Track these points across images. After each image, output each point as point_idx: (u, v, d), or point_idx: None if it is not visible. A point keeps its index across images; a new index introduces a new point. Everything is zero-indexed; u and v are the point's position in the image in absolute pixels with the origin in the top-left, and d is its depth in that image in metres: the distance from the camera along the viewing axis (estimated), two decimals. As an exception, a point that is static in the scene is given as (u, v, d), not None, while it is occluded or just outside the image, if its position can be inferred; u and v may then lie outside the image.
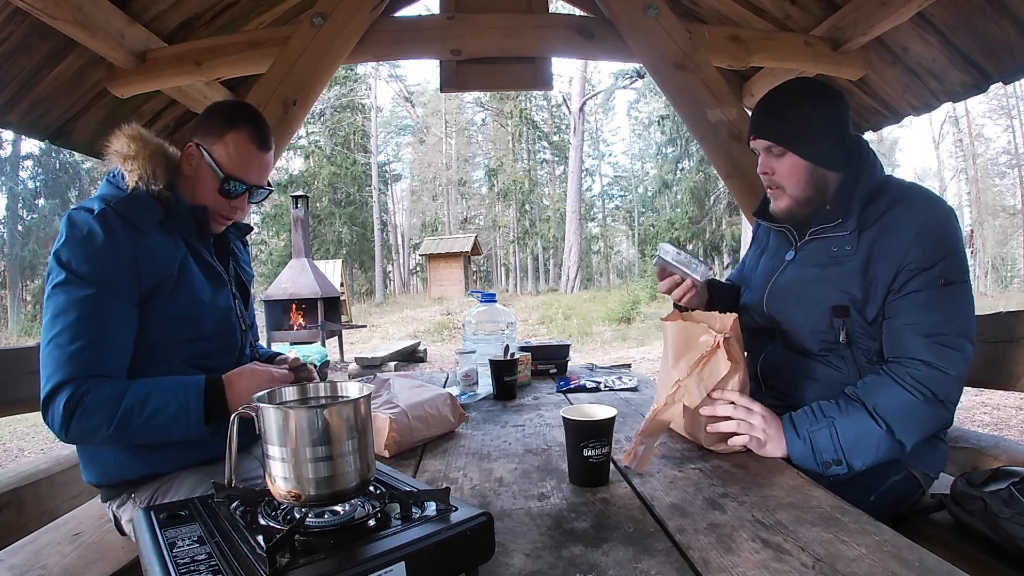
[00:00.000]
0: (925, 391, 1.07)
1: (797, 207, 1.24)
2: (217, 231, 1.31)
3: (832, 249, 1.20)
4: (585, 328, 13.27)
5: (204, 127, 1.25)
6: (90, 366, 1.06)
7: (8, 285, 20.98)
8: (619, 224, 34.64)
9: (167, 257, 1.16)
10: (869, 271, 1.15)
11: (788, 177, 1.22)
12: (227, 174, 1.22)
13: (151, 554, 0.61)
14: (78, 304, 1.06)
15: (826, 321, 1.19)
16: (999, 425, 4.59)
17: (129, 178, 1.17)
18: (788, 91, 1.25)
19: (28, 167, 21.94)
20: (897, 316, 1.13)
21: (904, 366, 1.10)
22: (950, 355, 1.08)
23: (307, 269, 8.94)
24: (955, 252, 1.13)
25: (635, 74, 24.05)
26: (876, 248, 1.15)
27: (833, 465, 1.06)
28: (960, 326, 1.11)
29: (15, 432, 5.50)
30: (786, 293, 1.28)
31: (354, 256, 25.83)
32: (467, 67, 2.36)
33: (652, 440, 1.05)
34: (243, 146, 1.23)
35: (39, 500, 1.63)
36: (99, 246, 1.07)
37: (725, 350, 1.08)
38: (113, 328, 1.09)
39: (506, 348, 1.71)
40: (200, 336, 1.20)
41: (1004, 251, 28.25)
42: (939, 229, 1.13)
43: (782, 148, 1.21)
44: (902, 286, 1.12)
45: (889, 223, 1.15)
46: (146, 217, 1.14)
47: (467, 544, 0.64)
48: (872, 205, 1.17)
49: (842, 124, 1.22)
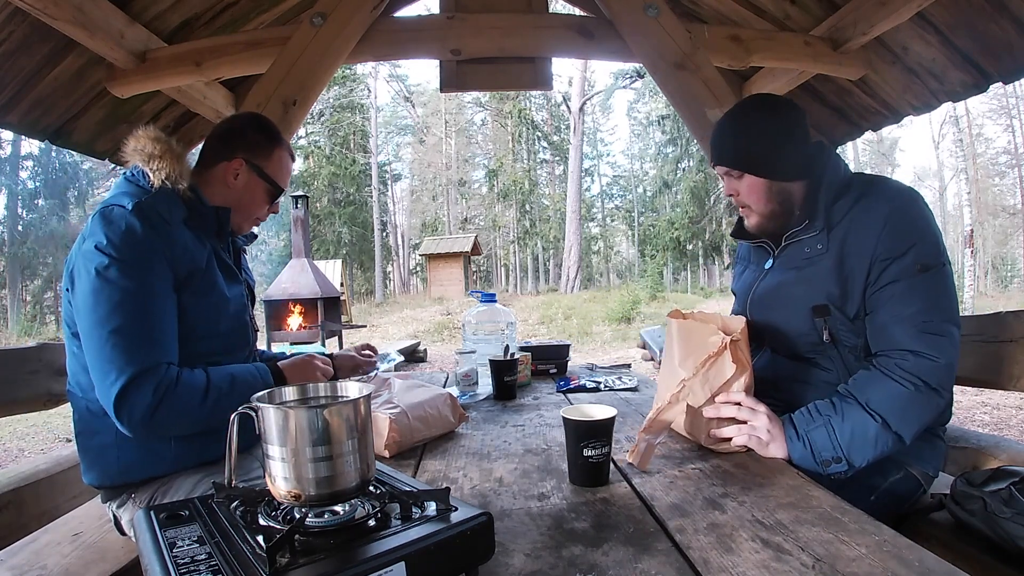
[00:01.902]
0: (916, 381, 1.07)
1: (766, 222, 1.28)
2: (246, 232, 1.40)
3: (805, 251, 1.22)
4: (585, 328, 13.28)
5: (245, 144, 1.32)
6: (165, 353, 1.10)
7: (8, 285, 20.97)
8: (619, 224, 34.65)
9: (196, 252, 1.19)
10: (844, 267, 1.16)
11: (750, 196, 1.27)
12: (279, 186, 1.37)
13: (151, 554, 0.61)
14: (133, 295, 1.07)
15: (808, 322, 1.20)
16: (999, 425, 4.59)
17: (155, 177, 1.19)
18: (736, 114, 1.29)
19: (28, 167, 21.95)
20: (878, 309, 1.14)
21: (892, 358, 1.10)
22: (937, 342, 1.09)
23: (307, 269, 8.93)
24: (925, 236, 1.13)
25: (635, 74, 24.05)
26: (847, 244, 1.16)
27: (833, 463, 1.06)
28: (943, 311, 1.11)
29: (15, 432, 5.50)
30: (767, 300, 1.30)
31: (354, 256, 25.82)
32: (467, 67, 2.36)
33: (654, 437, 1.05)
34: (286, 160, 1.39)
35: (39, 500, 1.63)
36: (140, 238, 1.09)
37: (732, 352, 1.09)
38: (167, 317, 1.12)
39: (506, 348, 1.71)
40: (216, 333, 1.23)
41: (1004, 251, 28.27)
42: (905, 215, 1.14)
43: (739, 171, 1.26)
44: (878, 278, 1.13)
45: (856, 218, 1.16)
46: (175, 213, 1.18)
47: (467, 544, 0.64)
48: (838, 203, 1.19)
49: (796, 135, 1.24)
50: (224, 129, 1.36)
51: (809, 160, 1.25)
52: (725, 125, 1.29)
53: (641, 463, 1.02)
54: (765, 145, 1.23)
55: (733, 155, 1.26)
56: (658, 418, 1.07)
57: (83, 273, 1.08)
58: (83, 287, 1.08)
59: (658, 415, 1.07)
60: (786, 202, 1.26)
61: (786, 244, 1.28)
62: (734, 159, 1.26)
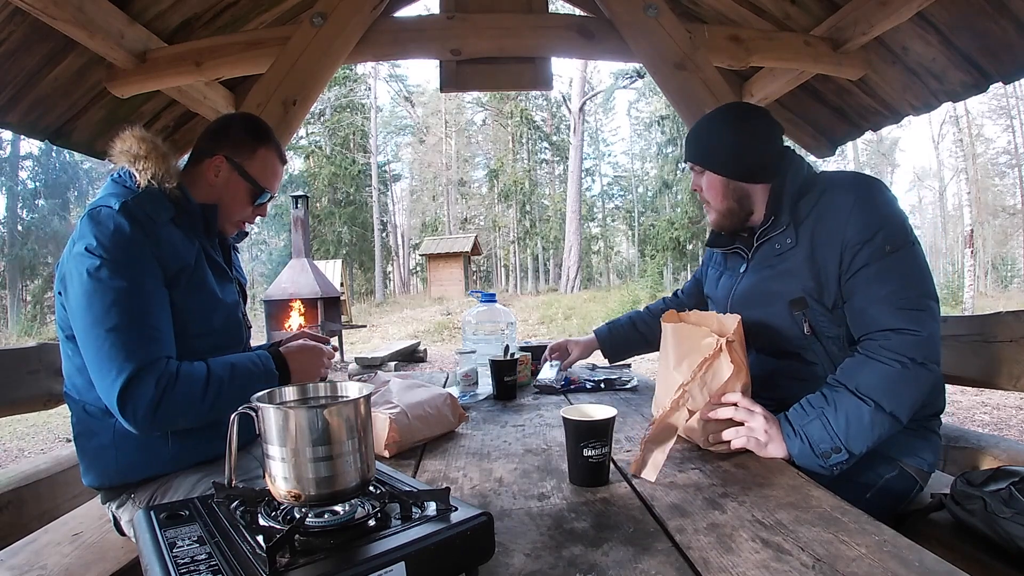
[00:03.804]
0: (902, 359, 1.08)
1: (723, 219, 1.36)
2: (232, 234, 1.38)
3: (776, 247, 1.27)
4: (585, 328, 13.27)
5: (230, 142, 1.31)
6: (163, 347, 1.10)
7: (8, 285, 20.97)
8: (619, 224, 34.63)
9: (184, 249, 1.19)
10: (815, 259, 1.19)
11: (709, 191, 1.35)
12: (261, 187, 1.33)
13: (151, 554, 0.61)
14: (127, 293, 1.07)
15: (787, 317, 1.23)
16: (999, 425, 4.60)
17: (141, 177, 1.19)
18: (709, 117, 1.38)
19: (28, 167, 21.95)
20: (854, 295, 1.16)
21: (875, 340, 1.12)
22: (917, 316, 1.10)
23: (307, 269, 8.93)
24: (891, 218, 1.17)
25: (635, 74, 24.05)
26: (816, 237, 1.20)
27: (833, 454, 1.06)
28: (918, 286, 1.13)
29: (15, 432, 5.50)
30: (746, 300, 1.34)
31: (354, 256, 25.81)
32: (467, 67, 2.36)
33: (658, 447, 1.01)
34: (272, 161, 1.36)
35: (39, 500, 1.63)
36: (129, 237, 1.09)
37: (728, 353, 1.08)
38: (162, 312, 1.12)
39: (506, 348, 1.71)
40: (209, 331, 1.22)
41: (1004, 251, 28.25)
42: (870, 202, 1.17)
43: (700, 167, 1.36)
44: (850, 265, 1.16)
45: (822, 210, 1.21)
46: (162, 212, 1.18)
47: (467, 544, 0.64)
48: (803, 199, 1.24)
49: (760, 140, 1.31)
50: (213, 126, 1.36)
51: (772, 165, 1.30)
52: (698, 125, 1.39)
53: (649, 474, 0.98)
54: (727, 146, 1.31)
55: (696, 151, 1.37)
56: (661, 425, 1.04)
57: (75, 276, 1.08)
58: (76, 290, 1.08)
59: (661, 422, 1.05)
60: (743, 201, 1.33)
61: (758, 245, 1.32)
62: (696, 155, 1.37)
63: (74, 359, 1.16)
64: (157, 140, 1.26)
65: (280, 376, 1.22)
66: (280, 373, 1.22)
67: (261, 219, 1.42)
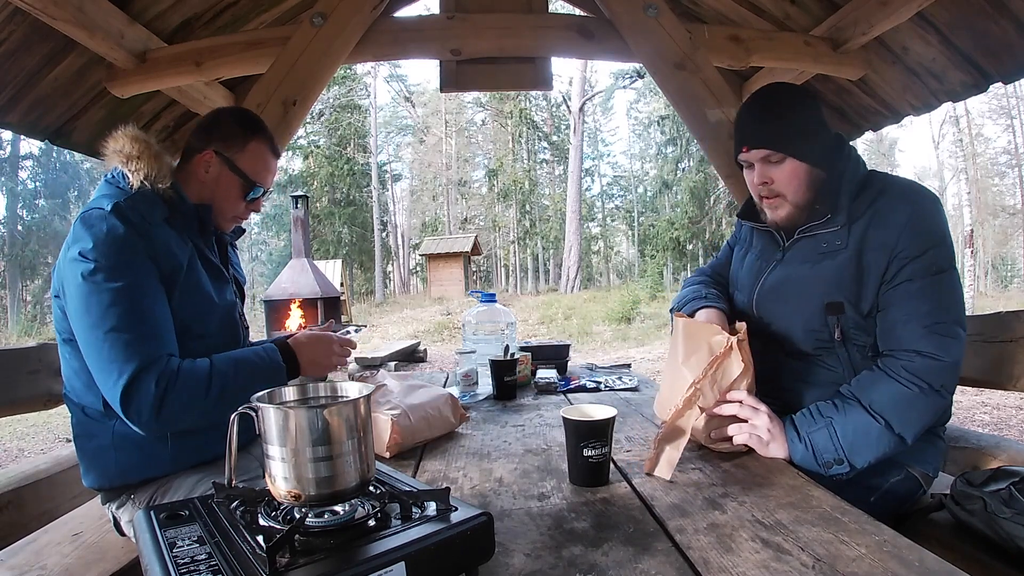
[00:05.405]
0: (920, 383, 1.07)
1: (798, 213, 1.22)
2: (228, 230, 1.36)
3: (822, 245, 1.19)
4: (585, 328, 13.28)
5: (220, 136, 1.28)
6: (164, 345, 1.09)
7: (8, 285, 20.97)
8: (619, 224, 34.62)
9: (178, 250, 1.18)
10: (862, 262, 1.14)
11: (788, 183, 1.19)
12: (252, 181, 1.30)
13: (151, 554, 0.61)
14: (123, 294, 1.06)
15: (820, 319, 1.18)
16: (999, 425, 4.59)
17: (134, 177, 1.18)
18: (774, 95, 1.23)
19: (28, 167, 21.94)
20: (891, 307, 1.13)
21: (898, 359, 1.10)
22: (944, 343, 1.09)
23: (307, 269, 8.94)
24: (943, 240, 1.14)
25: (635, 74, 24.05)
26: (867, 239, 1.14)
27: (835, 465, 1.06)
28: (953, 313, 1.11)
29: (15, 432, 5.50)
30: (776, 294, 1.27)
31: (354, 256, 25.80)
32: (467, 67, 2.36)
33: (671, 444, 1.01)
34: (263, 155, 1.32)
35: (39, 500, 1.63)
36: (122, 238, 1.08)
37: (740, 351, 1.08)
38: (160, 310, 1.12)
39: (506, 348, 1.71)
40: (205, 332, 1.21)
41: (1004, 251, 28.26)
42: (928, 218, 1.14)
43: (781, 155, 1.18)
44: (894, 276, 1.12)
45: (878, 213, 1.15)
46: (155, 212, 1.17)
47: (467, 544, 0.64)
48: (859, 198, 1.17)
49: (824, 122, 1.23)
50: (203, 121, 1.34)
51: (832, 151, 1.21)
52: (760, 107, 1.22)
53: (663, 472, 0.99)
54: (808, 127, 1.18)
55: (773, 135, 1.17)
56: (674, 424, 1.04)
57: (71, 280, 1.08)
58: (73, 293, 1.08)
59: (675, 421, 1.04)
60: (818, 191, 1.20)
61: (799, 237, 1.24)
62: (774, 139, 1.17)
63: (72, 362, 1.16)
64: (151, 139, 1.25)
65: (289, 369, 1.20)
66: (288, 365, 1.20)
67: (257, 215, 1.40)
